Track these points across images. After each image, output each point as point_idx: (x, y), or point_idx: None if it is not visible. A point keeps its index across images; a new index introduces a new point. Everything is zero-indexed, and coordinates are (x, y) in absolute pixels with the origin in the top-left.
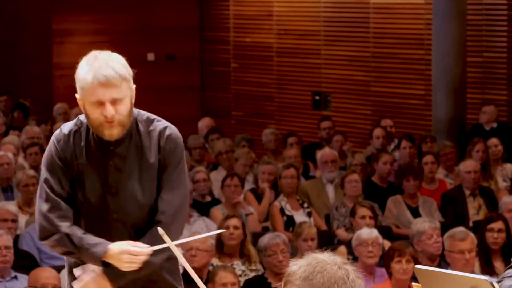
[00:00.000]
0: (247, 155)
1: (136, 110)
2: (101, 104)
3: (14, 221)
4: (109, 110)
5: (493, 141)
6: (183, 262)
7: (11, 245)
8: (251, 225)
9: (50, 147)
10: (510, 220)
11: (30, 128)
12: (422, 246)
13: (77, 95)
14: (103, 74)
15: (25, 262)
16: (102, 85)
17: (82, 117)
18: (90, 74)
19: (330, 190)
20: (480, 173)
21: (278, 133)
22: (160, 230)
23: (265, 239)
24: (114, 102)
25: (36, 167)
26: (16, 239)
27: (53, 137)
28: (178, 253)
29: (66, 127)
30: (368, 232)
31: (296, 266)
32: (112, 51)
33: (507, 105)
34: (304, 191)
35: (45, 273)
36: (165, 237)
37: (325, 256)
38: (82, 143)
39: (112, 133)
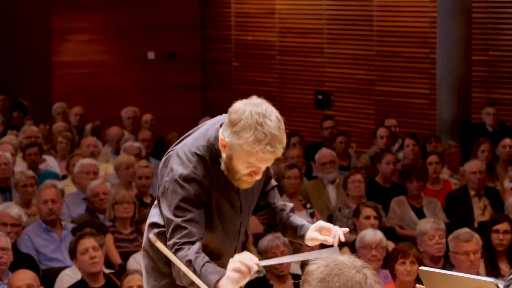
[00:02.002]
0: None
1: None
2: (256, 167)
3: (15, 225)
4: (260, 176)
5: (507, 141)
6: (184, 270)
7: (8, 247)
8: (253, 226)
9: (177, 186)
10: None
11: (28, 128)
12: (424, 247)
13: (225, 138)
14: (273, 150)
15: (24, 264)
16: (267, 159)
17: (204, 149)
18: (261, 142)
19: (331, 190)
20: (486, 173)
21: None
22: (152, 237)
23: (264, 241)
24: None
25: (34, 168)
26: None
27: (179, 178)
28: (177, 260)
29: (191, 167)
30: (372, 235)
31: (315, 266)
32: (112, 49)
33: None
34: (305, 192)
35: (20, 276)
36: (158, 244)
37: (345, 259)
38: (213, 172)
39: (248, 186)
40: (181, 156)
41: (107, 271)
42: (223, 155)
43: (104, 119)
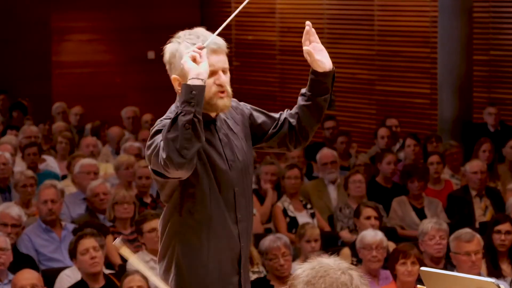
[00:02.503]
0: None
1: None
2: (213, 73)
3: (15, 225)
4: (223, 77)
5: None
6: (147, 275)
7: (7, 247)
8: (254, 227)
9: (162, 122)
10: None
11: (28, 127)
12: (424, 247)
13: (174, 75)
14: (214, 41)
15: (23, 265)
16: (214, 52)
17: (172, 113)
18: (198, 42)
19: (332, 191)
20: (487, 173)
21: None
22: (117, 242)
23: (265, 242)
24: (224, 71)
25: (34, 168)
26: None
27: (163, 119)
28: (141, 266)
29: (169, 115)
30: (372, 235)
31: (301, 270)
32: (112, 49)
33: None
34: (306, 192)
35: (24, 275)
36: (124, 251)
37: (330, 261)
38: None
39: (226, 103)
40: (155, 125)
41: (107, 271)
42: (180, 91)
43: (104, 119)
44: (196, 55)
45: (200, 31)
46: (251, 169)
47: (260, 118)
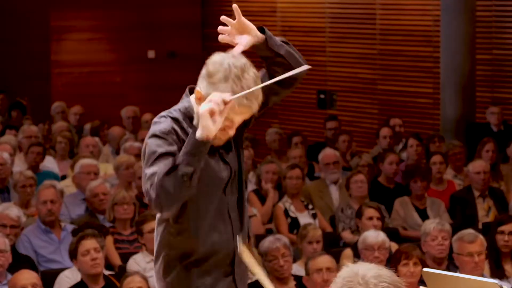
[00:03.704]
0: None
1: None
2: (229, 121)
3: (14, 226)
4: (234, 131)
5: None
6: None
7: (6, 249)
8: (254, 227)
9: (167, 121)
10: None
11: (27, 127)
12: (427, 248)
13: (201, 89)
14: (249, 104)
15: (23, 266)
16: (242, 113)
17: (176, 112)
18: (239, 96)
19: (334, 191)
20: (490, 173)
21: (282, 133)
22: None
23: (265, 244)
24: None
25: (35, 167)
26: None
27: (158, 133)
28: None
29: (166, 125)
30: (374, 236)
31: (340, 273)
32: (112, 48)
33: None
34: (307, 192)
35: (23, 275)
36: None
37: (364, 271)
38: (188, 131)
39: (220, 143)
40: (156, 120)
41: (106, 272)
42: (198, 108)
43: (103, 118)
44: (216, 111)
45: (249, 80)
46: (241, 171)
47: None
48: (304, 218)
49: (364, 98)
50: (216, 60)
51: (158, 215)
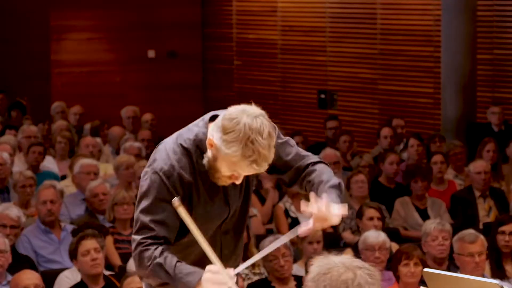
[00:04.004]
0: None
1: None
2: (238, 173)
3: (14, 227)
4: (239, 181)
5: None
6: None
7: (6, 249)
8: (255, 227)
9: (156, 180)
10: None
11: (27, 127)
12: (427, 248)
13: (213, 140)
14: (259, 168)
15: (22, 266)
16: (250, 171)
17: (191, 143)
18: (248, 158)
19: None
20: (491, 173)
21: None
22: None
23: (265, 243)
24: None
25: (36, 167)
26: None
27: (159, 172)
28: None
29: (174, 160)
30: (375, 236)
31: (312, 266)
32: (112, 48)
33: None
34: None
35: (26, 275)
36: (181, 210)
37: (339, 258)
38: (193, 168)
39: (220, 184)
40: (167, 148)
41: (106, 273)
42: (209, 152)
43: (103, 118)
44: None
45: (262, 146)
46: (243, 211)
47: (288, 157)
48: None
49: (365, 98)
50: (233, 115)
51: None
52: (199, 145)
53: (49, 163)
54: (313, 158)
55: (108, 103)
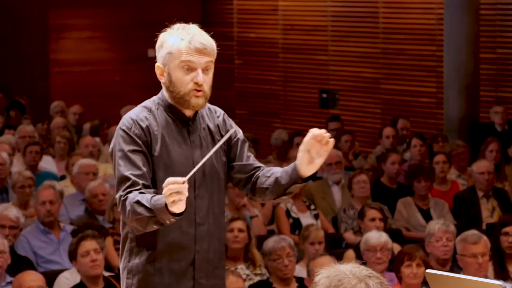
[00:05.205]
0: None
1: None
2: (192, 69)
3: (13, 227)
4: (201, 76)
5: None
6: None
7: (5, 250)
8: (256, 228)
9: (120, 135)
10: None
11: (23, 127)
12: (431, 248)
13: (158, 64)
14: (200, 41)
15: (21, 267)
16: (198, 51)
17: (150, 102)
18: (186, 39)
19: (336, 192)
20: (494, 174)
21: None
22: None
23: (270, 243)
24: (204, 70)
25: (34, 167)
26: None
27: (121, 127)
28: None
29: (134, 114)
30: (376, 237)
31: (319, 276)
32: (112, 47)
33: None
34: (309, 193)
35: (30, 276)
36: None
37: (348, 268)
38: (159, 120)
39: (199, 102)
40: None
41: (106, 273)
42: (165, 83)
43: (103, 118)
44: (177, 199)
45: (193, 28)
46: (221, 175)
47: (239, 151)
48: (306, 219)
49: (367, 98)
50: (159, 35)
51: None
52: (158, 101)
53: (48, 163)
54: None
55: (108, 102)
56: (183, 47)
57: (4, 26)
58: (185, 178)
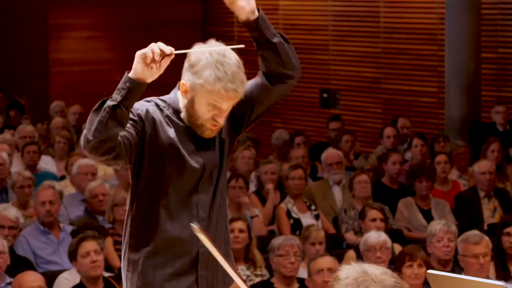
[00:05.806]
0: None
1: None
2: (218, 109)
3: (12, 228)
4: (223, 119)
5: None
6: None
7: (4, 250)
8: (256, 228)
9: (143, 103)
10: None
11: (23, 127)
12: (432, 249)
13: (184, 82)
14: (235, 87)
15: (21, 267)
16: (229, 98)
17: (162, 102)
18: (223, 80)
19: (337, 192)
20: (495, 174)
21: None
22: (194, 227)
23: (279, 240)
24: (227, 110)
25: (33, 167)
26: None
27: (151, 101)
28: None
29: (145, 106)
30: (375, 236)
31: (344, 274)
32: (112, 46)
33: None
34: (310, 193)
35: (29, 277)
36: (200, 235)
37: (377, 272)
38: (168, 121)
39: (212, 134)
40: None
41: (106, 274)
42: (184, 101)
43: None
44: (148, 56)
45: (232, 65)
46: (224, 169)
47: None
48: (306, 219)
49: (368, 97)
50: (197, 50)
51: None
52: (171, 104)
53: (48, 163)
54: None
55: None
56: (217, 89)
57: (4, 25)
58: (172, 51)
